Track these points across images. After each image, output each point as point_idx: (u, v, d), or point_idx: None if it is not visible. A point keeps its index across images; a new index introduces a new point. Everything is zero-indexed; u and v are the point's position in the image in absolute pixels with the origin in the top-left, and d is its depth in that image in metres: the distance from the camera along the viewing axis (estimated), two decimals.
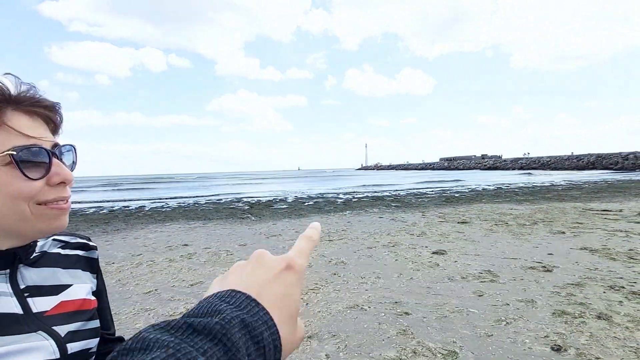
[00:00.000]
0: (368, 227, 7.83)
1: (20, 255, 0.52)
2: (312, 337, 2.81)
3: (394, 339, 2.74)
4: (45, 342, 0.50)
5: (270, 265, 0.30)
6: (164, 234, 7.85)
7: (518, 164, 66.33)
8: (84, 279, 0.63)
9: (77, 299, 0.58)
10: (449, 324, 2.94)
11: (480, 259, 4.83)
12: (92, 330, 0.58)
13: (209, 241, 6.83)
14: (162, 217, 11.13)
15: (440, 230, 7.04)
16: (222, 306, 0.25)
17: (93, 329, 0.59)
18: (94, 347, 0.58)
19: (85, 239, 0.68)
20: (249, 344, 0.24)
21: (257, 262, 0.31)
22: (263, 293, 0.28)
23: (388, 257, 5.12)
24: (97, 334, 0.59)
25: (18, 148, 0.45)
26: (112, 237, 7.74)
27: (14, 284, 0.51)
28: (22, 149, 0.46)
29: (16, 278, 0.52)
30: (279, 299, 0.28)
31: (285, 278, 0.30)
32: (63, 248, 0.62)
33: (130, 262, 5.41)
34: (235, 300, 0.26)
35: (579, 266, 4.33)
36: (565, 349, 2.47)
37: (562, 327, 2.78)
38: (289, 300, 0.29)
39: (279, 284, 0.29)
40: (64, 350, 0.52)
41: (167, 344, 0.21)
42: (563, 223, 7.33)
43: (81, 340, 0.55)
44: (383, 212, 10.56)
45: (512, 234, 6.41)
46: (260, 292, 0.28)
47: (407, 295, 3.61)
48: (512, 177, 32.95)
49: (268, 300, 0.27)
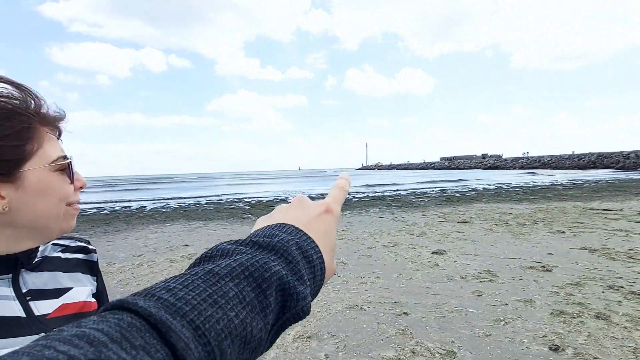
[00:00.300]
0: (368, 227, 7.85)
1: (22, 259, 0.54)
2: (311, 337, 2.83)
3: (393, 338, 2.75)
4: None
5: (311, 207, 0.35)
6: (165, 235, 7.88)
7: (519, 163, 66.29)
8: (84, 281, 0.65)
9: (77, 301, 0.60)
10: (448, 323, 2.96)
11: (479, 259, 4.84)
12: None
13: (210, 241, 6.86)
14: (163, 217, 11.16)
15: (440, 230, 7.05)
16: (277, 232, 0.30)
17: None
18: None
19: (85, 242, 0.70)
20: (304, 262, 0.28)
21: (300, 204, 0.35)
22: (309, 227, 0.32)
23: (388, 257, 5.13)
24: None
25: (64, 157, 0.55)
26: (114, 237, 7.77)
27: (16, 288, 0.53)
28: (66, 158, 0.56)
29: (18, 282, 0.54)
30: (321, 234, 0.32)
31: (325, 218, 0.34)
32: (63, 252, 0.64)
33: (132, 262, 5.44)
34: (286, 229, 0.30)
35: (578, 266, 4.34)
36: (563, 348, 2.48)
37: (560, 327, 2.79)
38: (329, 236, 0.33)
39: (320, 222, 0.33)
40: None
41: (243, 252, 0.26)
42: (563, 222, 7.33)
43: None
44: (383, 212, 10.58)
45: (512, 234, 6.42)
46: (307, 225, 0.32)
47: (406, 295, 3.63)
48: (514, 177, 32.65)
49: (313, 234, 0.31)
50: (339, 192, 0.38)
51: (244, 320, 0.22)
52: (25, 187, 0.50)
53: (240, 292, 0.23)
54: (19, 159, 0.49)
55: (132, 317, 0.19)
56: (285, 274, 0.26)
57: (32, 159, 0.51)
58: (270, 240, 0.28)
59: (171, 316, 0.20)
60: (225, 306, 0.22)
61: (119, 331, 0.18)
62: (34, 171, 0.51)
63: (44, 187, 0.52)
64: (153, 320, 0.19)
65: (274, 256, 0.27)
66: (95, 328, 0.17)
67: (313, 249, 0.30)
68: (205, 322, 0.20)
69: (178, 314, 0.20)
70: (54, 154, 0.53)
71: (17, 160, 0.49)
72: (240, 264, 0.24)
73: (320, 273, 0.30)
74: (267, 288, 0.24)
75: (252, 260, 0.25)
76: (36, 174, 0.51)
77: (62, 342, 0.16)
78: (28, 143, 0.50)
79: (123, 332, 0.18)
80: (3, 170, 0.48)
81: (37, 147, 0.51)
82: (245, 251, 0.26)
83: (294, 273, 0.27)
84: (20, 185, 0.50)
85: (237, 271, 0.24)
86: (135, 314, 0.19)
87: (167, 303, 0.20)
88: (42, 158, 0.52)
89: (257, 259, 0.25)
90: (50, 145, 0.53)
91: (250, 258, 0.25)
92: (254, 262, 0.25)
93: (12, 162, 0.49)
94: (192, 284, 0.22)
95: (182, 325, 0.19)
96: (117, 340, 0.17)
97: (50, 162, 0.53)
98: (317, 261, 0.29)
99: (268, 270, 0.25)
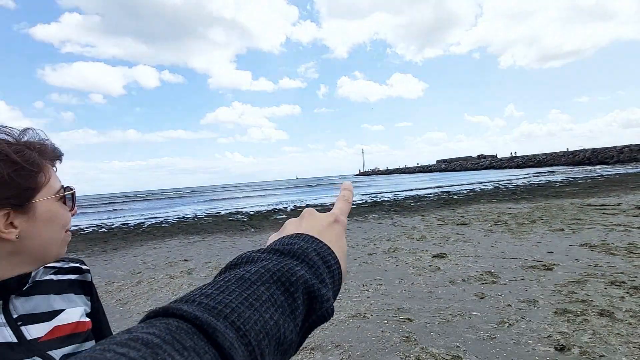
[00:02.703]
0: (368, 233, 7.83)
1: (12, 285, 0.54)
2: (315, 348, 2.79)
3: (397, 346, 2.72)
4: None
5: (322, 218, 0.36)
6: (163, 250, 7.82)
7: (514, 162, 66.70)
8: (78, 302, 0.65)
9: (70, 322, 0.60)
10: (452, 328, 2.93)
11: (480, 261, 4.83)
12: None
13: (209, 255, 6.81)
14: (161, 232, 11.08)
15: (440, 233, 7.04)
16: (294, 240, 0.31)
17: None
18: None
19: (79, 262, 0.70)
20: (324, 267, 0.30)
21: (310, 216, 0.37)
22: (322, 235, 0.33)
23: (389, 263, 5.11)
24: None
25: (65, 188, 0.61)
26: (112, 256, 7.70)
27: (6, 314, 0.54)
28: (68, 188, 0.62)
29: (9, 308, 0.54)
30: (334, 241, 0.34)
31: (335, 227, 0.36)
32: (56, 274, 0.65)
33: (131, 280, 5.38)
34: (303, 237, 0.32)
35: (579, 263, 4.34)
36: (568, 348, 2.47)
37: (564, 326, 2.78)
38: (341, 243, 0.35)
39: (331, 231, 0.35)
40: None
41: (268, 259, 0.28)
42: (562, 220, 7.35)
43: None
44: (382, 217, 10.57)
45: (512, 234, 6.42)
46: (320, 234, 0.33)
47: (409, 301, 3.60)
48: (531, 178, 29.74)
49: (327, 241, 0.33)
50: (343, 204, 0.40)
51: (277, 321, 0.24)
52: (36, 217, 0.54)
53: (271, 295, 0.25)
54: (32, 189, 0.54)
55: (178, 321, 0.20)
56: (309, 278, 0.27)
57: (42, 190, 0.55)
58: (290, 248, 0.30)
59: (215, 318, 0.21)
60: (260, 308, 0.23)
61: (169, 334, 0.19)
62: (43, 202, 0.56)
63: (51, 216, 0.57)
64: (199, 322, 0.20)
65: (296, 261, 0.28)
66: (147, 332, 0.19)
67: (330, 254, 0.31)
68: (245, 323, 0.22)
69: (220, 316, 0.21)
70: (57, 185, 0.59)
71: (31, 191, 0.54)
72: (267, 269, 0.26)
73: (338, 277, 0.32)
74: (294, 291, 0.26)
75: (279, 266, 0.27)
76: (45, 204, 0.56)
77: (119, 345, 0.18)
78: (38, 176, 0.55)
79: (173, 335, 0.19)
80: (18, 201, 0.52)
81: (46, 179, 0.56)
82: (269, 258, 0.28)
83: (317, 277, 0.28)
84: (32, 215, 0.54)
85: (266, 276, 0.26)
86: (180, 318, 0.21)
87: (208, 307, 0.22)
88: (49, 189, 0.57)
89: (283, 265, 0.27)
90: (53, 177, 0.59)
91: (277, 264, 0.27)
92: (280, 267, 0.27)
93: (27, 193, 0.53)
94: (227, 289, 0.24)
95: (225, 326, 0.21)
96: (169, 342, 0.18)
97: (55, 193, 0.58)
98: (335, 266, 0.31)
99: (294, 274, 0.27)
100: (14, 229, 0.52)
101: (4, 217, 0.51)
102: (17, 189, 0.52)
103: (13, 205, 0.52)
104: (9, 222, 0.52)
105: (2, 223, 0.51)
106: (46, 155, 0.58)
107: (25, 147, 0.54)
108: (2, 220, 0.51)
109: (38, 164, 0.55)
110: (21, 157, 0.52)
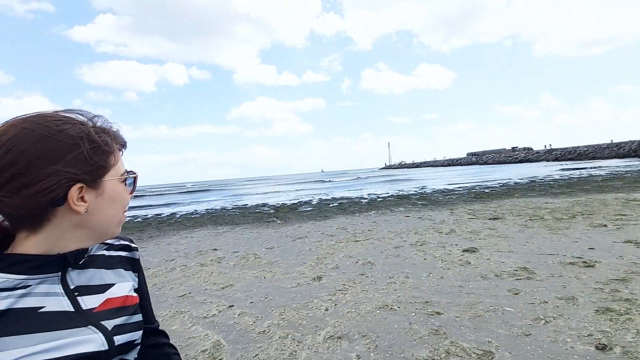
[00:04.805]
0: (394, 226, 7.73)
1: (69, 259, 0.58)
2: (341, 337, 2.81)
3: (426, 339, 2.68)
4: (94, 335, 0.56)
5: None
6: (194, 240, 8.12)
7: (552, 155, 63.10)
8: (127, 277, 0.69)
9: (121, 295, 0.64)
10: (484, 323, 2.85)
11: (514, 256, 4.64)
12: (136, 324, 0.64)
13: (237, 245, 7.00)
14: (192, 223, 11.51)
15: (471, 228, 6.82)
16: None
17: (137, 322, 0.65)
18: (138, 339, 0.64)
19: (128, 240, 0.74)
20: None
21: None
22: None
23: (416, 256, 5.03)
24: (140, 327, 0.66)
25: (129, 172, 0.65)
26: (147, 244, 8.10)
27: (64, 284, 0.57)
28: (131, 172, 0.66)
29: (66, 279, 0.58)
30: None
31: None
32: (108, 250, 0.69)
33: (165, 267, 5.64)
34: None
35: (624, 260, 4.06)
36: (610, 347, 2.33)
37: (606, 325, 2.62)
38: None
39: None
40: (112, 342, 0.58)
41: None
42: (604, 215, 6.89)
43: (126, 333, 0.61)
44: (409, 210, 10.38)
45: (549, 229, 6.11)
46: None
47: (437, 295, 3.53)
48: (565, 171, 24.52)
49: None
50: None
51: None
52: (103, 195, 0.59)
53: None
54: (104, 167, 0.58)
55: None
56: None
57: (111, 170, 0.60)
58: None
59: None
60: None
61: None
62: (111, 181, 0.60)
63: (115, 195, 0.61)
64: None
65: None
66: None
67: None
68: None
69: None
70: (122, 169, 0.63)
71: (103, 170, 0.58)
72: None
73: None
74: None
75: None
76: (112, 183, 0.60)
77: None
78: (110, 157, 0.60)
79: None
80: (92, 177, 0.57)
81: (115, 161, 0.61)
82: None
83: None
84: (101, 192, 0.58)
85: None
86: None
87: None
88: (116, 171, 0.61)
89: None
90: (120, 161, 0.63)
91: None
92: None
93: (99, 171, 0.58)
94: None
95: None
96: None
97: (120, 175, 0.62)
98: None
99: None
100: (84, 203, 0.56)
101: (78, 190, 0.55)
102: (93, 166, 0.56)
103: (87, 181, 0.56)
104: (81, 196, 0.56)
105: (76, 196, 0.55)
106: (117, 140, 0.62)
107: (101, 130, 0.60)
108: (76, 193, 0.55)
109: (111, 146, 0.60)
110: (100, 138, 0.58)
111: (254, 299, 3.86)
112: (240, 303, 3.77)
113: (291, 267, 5.02)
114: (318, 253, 5.73)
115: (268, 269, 5.02)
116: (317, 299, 3.71)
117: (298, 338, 2.87)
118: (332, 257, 5.37)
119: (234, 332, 3.07)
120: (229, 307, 3.67)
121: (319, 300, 3.67)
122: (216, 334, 3.05)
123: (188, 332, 3.15)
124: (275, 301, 3.75)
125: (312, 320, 3.18)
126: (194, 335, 3.08)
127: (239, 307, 3.67)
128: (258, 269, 5.06)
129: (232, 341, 2.91)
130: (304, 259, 5.41)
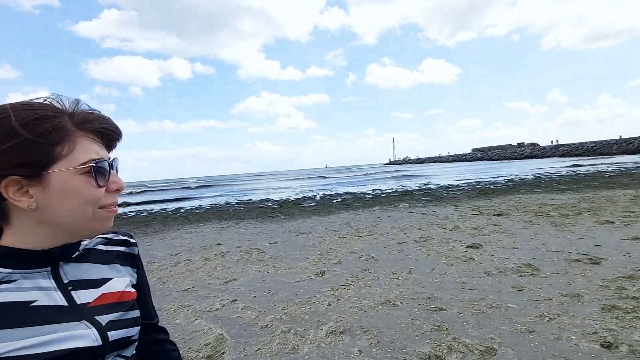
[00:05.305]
0: (398, 222, 7.70)
1: (55, 254, 0.57)
2: (344, 332, 2.81)
3: (428, 334, 2.67)
4: (88, 330, 0.55)
5: None
6: (198, 234, 8.17)
7: (559, 151, 62.37)
8: (124, 272, 0.68)
9: (117, 291, 0.63)
10: (487, 319, 2.83)
11: (519, 252, 4.60)
12: (132, 320, 0.63)
13: (241, 240, 7.02)
14: (197, 218, 11.57)
15: (475, 224, 6.78)
16: None
17: (133, 318, 0.63)
18: (135, 335, 0.63)
19: (127, 235, 0.73)
20: None
21: None
22: None
23: (420, 252, 5.01)
24: (137, 323, 0.64)
25: (92, 161, 0.55)
26: (152, 238, 8.16)
27: (57, 279, 0.56)
28: (96, 161, 0.56)
29: (59, 274, 0.57)
30: None
31: None
32: (105, 244, 0.68)
33: (169, 261, 5.68)
34: None
35: (631, 258, 4.01)
36: (616, 345, 2.30)
37: (612, 323, 2.59)
38: None
39: None
40: (105, 337, 0.56)
41: None
42: (612, 212, 6.80)
43: (121, 328, 0.60)
44: (413, 206, 10.34)
45: (554, 225, 6.05)
46: None
47: (440, 291, 3.52)
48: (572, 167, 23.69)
49: None
50: None
51: None
52: (50, 189, 0.52)
53: None
54: (46, 161, 0.52)
55: None
56: None
57: (60, 161, 0.53)
58: None
59: None
60: None
61: None
62: (59, 173, 0.53)
63: (67, 189, 0.53)
64: None
65: None
66: None
67: None
68: None
69: None
70: (84, 158, 0.54)
71: (45, 162, 0.52)
72: None
73: None
74: None
75: None
76: (62, 176, 0.53)
77: None
78: (58, 145, 0.52)
79: None
80: (30, 172, 0.51)
81: (68, 150, 0.53)
82: None
83: None
84: (46, 186, 0.52)
85: None
86: None
87: None
88: (70, 161, 0.53)
89: None
90: (84, 149, 0.55)
91: None
92: None
93: (40, 164, 0.51)
94: None
95: None
96: None
97: (77, 166, 0.54)
98: None
99: None
100: (29, 199, 0.52)
101: (15, 185, 0.51)
102: (29, 158, 0.50)
103: (24, 174, 0.51)
104: (25, 191, 0.52)
105: (12, 190, 0.51)
106: (85, 125, 0.56)
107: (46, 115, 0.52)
108: (12, 188, 0.51)
109: (59, 135, 0.53)
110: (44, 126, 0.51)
111: (257, 294, 3.87)
112: (244, 297, 3.79)
113: (294, 262, 5.02)
114: (321, 248, 5.74)
115: (271, 264, 5.03)
116: (319, 294, 3.71)
117: (300, 333, 2.88)
118: (335, 253, 5.37)
119: (236, 326, 3.09)
120: (232, 302, 3.69)
121: (321, 295, 3.67)
122: (219, 328, 3.07)
123: (192, 325, 3.17)
124: (278, 296, 3.76)
125: (314, 315, 3.19)
126: (197, 329, 3.09)
127: (242, 301, 3.68)
128: (261, 264, 5.08)
129: (235, 335, 2.92)
130: (307, 254, 5.42)
